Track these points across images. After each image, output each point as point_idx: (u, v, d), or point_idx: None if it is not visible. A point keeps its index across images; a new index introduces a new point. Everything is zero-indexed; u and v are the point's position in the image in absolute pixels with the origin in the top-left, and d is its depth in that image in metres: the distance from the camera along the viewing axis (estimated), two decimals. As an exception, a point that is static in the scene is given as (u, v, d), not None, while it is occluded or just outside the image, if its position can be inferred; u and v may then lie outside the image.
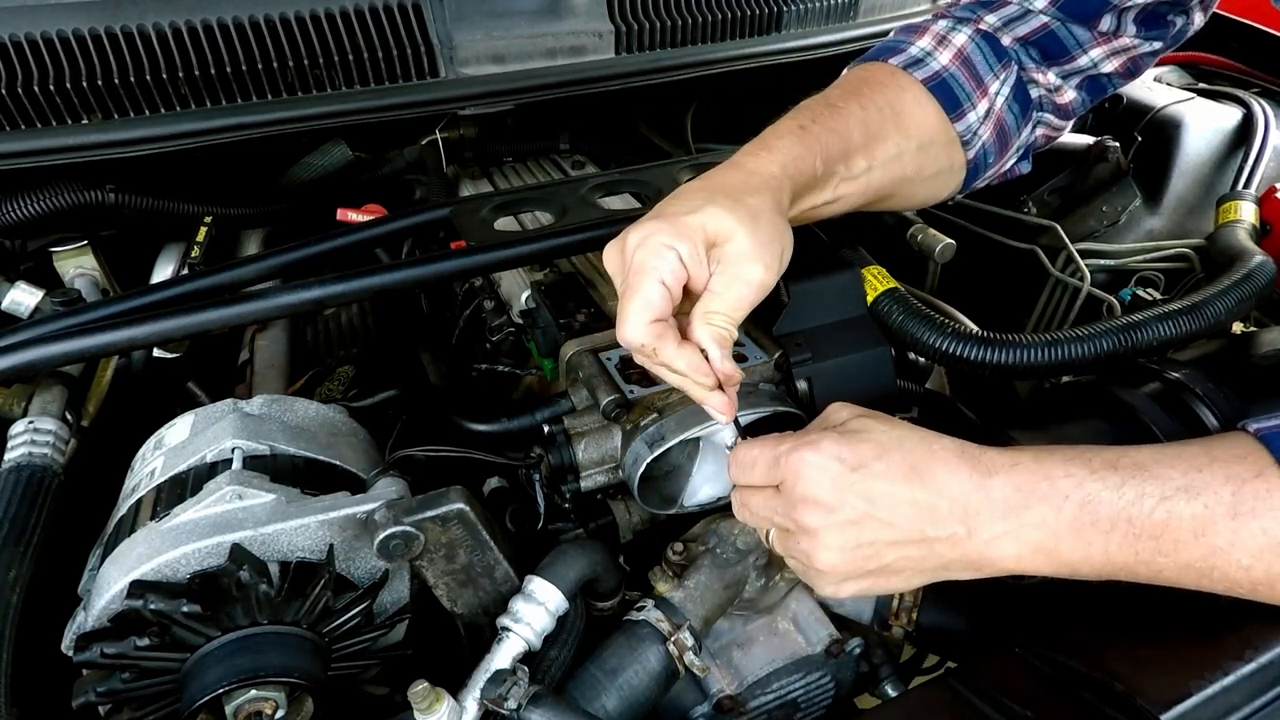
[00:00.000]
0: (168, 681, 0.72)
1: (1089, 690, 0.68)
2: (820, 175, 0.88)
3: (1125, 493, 0.66)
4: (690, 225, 0.75)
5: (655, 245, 0.74)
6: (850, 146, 0.91)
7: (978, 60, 1.02)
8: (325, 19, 1.14)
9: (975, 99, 1.01)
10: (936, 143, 1.00)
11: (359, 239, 1.14)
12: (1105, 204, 1.37)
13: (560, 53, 1.29)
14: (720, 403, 0.76)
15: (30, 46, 1.02)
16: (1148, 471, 0.67)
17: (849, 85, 0.99)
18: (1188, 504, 0.64)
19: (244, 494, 0.76)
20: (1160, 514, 0.65)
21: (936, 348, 0.95)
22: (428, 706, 0.70)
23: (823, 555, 0.72)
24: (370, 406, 1.07)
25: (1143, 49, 1.06)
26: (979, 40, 1.03)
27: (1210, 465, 0.65)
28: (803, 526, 0.73)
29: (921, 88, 0.99)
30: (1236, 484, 0.64)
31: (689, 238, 0.74)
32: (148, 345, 0.98)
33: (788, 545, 0.76)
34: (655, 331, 0.73)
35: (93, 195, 1.16)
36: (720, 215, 0.75)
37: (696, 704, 0.86)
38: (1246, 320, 1.19)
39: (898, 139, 0.95)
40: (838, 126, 0.91)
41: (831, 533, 0.72)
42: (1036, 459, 0.70)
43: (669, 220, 0.75)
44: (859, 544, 0.71)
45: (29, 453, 0.91)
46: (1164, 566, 0.66)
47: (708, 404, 0.76)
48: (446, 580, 0.80)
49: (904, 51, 1.02)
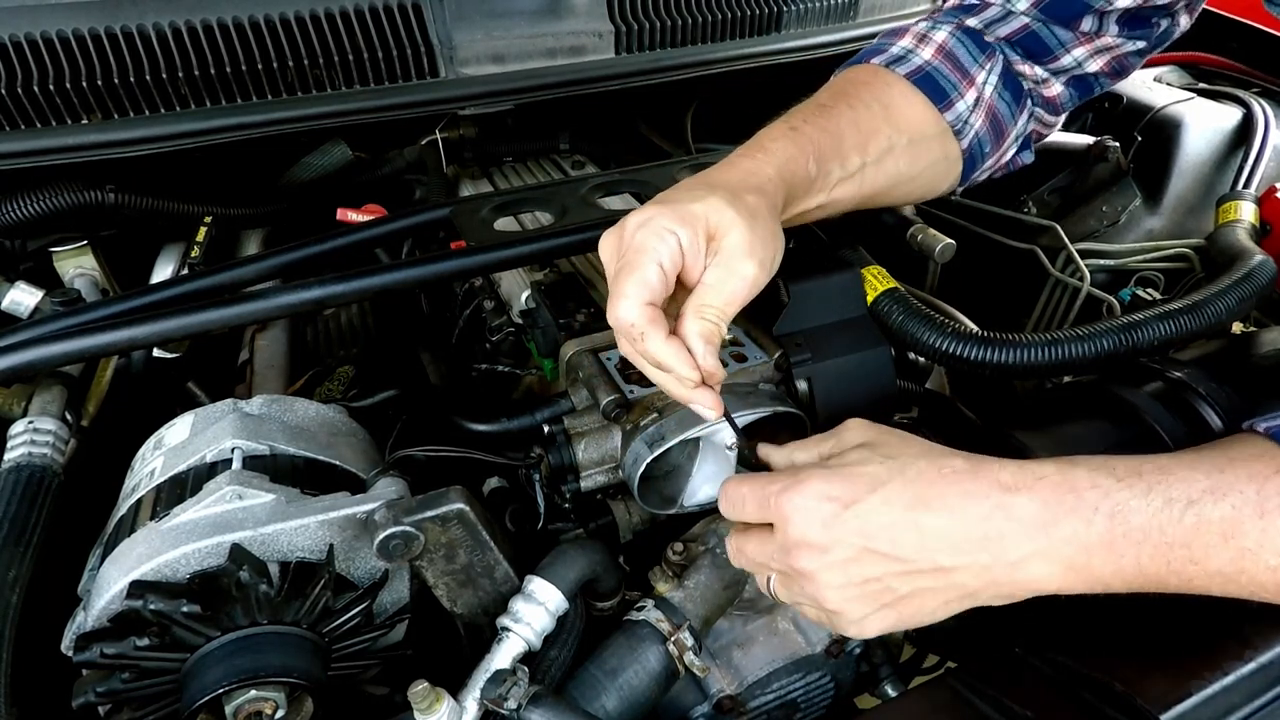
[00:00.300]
0: (168, 681, 0.72)
1: (1089, 690, 0.68)
2: (814, 175, 0.88)
3: (1153, 499, 0.64)
4: (694, 213, 0.74)
5: (657, 228, 0.73)
6: (843, 145, 0.91)
7: (960, 53, 1.02)
8: (325, 19, 1.14)
9: (962, 89, 1.01)
10: (928, 134, 1.00)
11: (359, 239, 1.14)
12: (1105, 204, 1.37)
13: (560, 53, 1.29)
14: (707, 399, 0.74)
15: (30, 46, 1.02)
16: (1173, 475, 0.64)
17: (836, 88, 1.00)
18: (1215, 506, 0.62)
19: (244, 494, 0.76)
20: (1190, 519, 0.63)
21: (936, 348, 0.95)
22: (428, 706, 0.70)
23: (829, 595, 0.70)
24: (370, 406, 1.07)
25: (1127, 48, 1.06)
26: (960, 35, 1.04)
27: (1230, 466, 0.64)
28: (799, 571, 0.70)
29: (906, 82, 1.00)
30: (1260, 481, 0.62)
31: (691, 225, 0.74)
32: (148, 345, 0.98)
33: (792, 592, 0.74)
34: (648, 315, 0.72)
35: (93, 195, 1.16)
36: (722, 207, 0.74)
37: (696, 704, 0.86)
38: (1246, 320, 1.19)
39: (889, 133, 0.96)
40: (829, 126, 0.91)
41: (830, 572, 0.69)
42: (1060, 471, 0.67)
43: (672, 206, 0.75)
44: (864, 579, 0.69)
45: (29, 453, 0.91)
46: (1194, 575, 0.63)
47: (693, 402, 0.75)
48: (446, 580, 0.80)
49: (885, 52, 1.04)
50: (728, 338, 0.99)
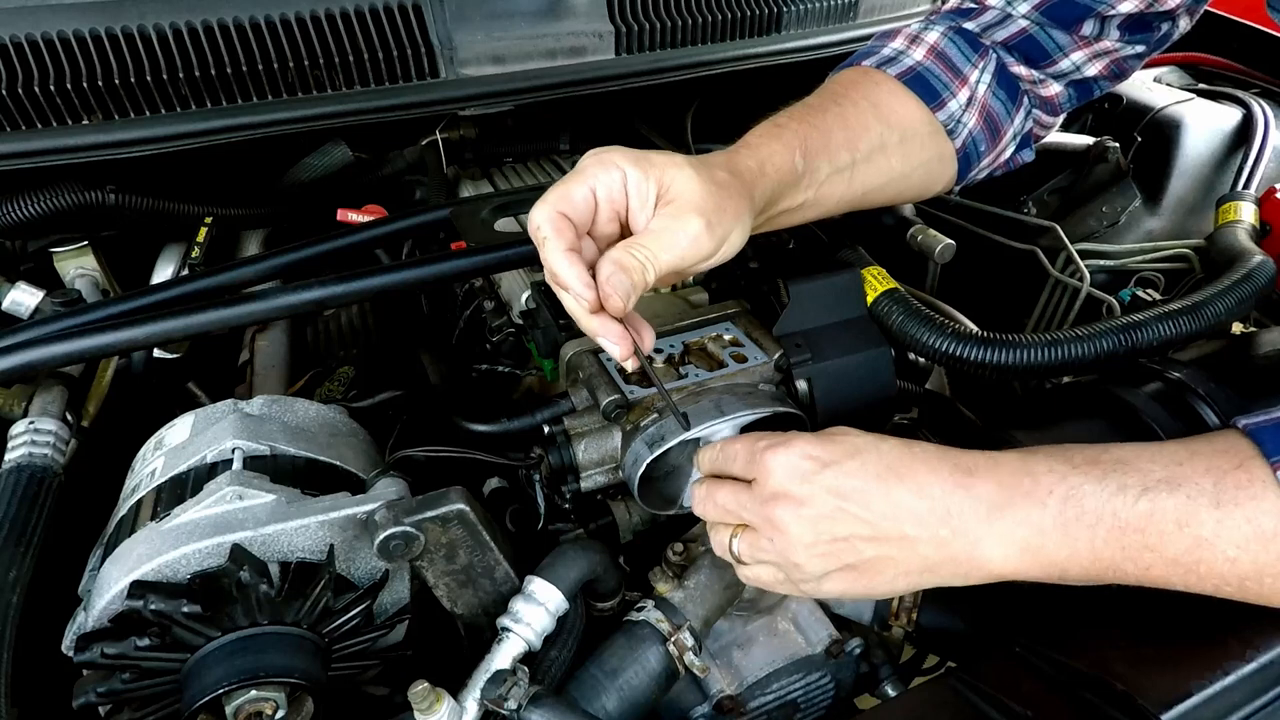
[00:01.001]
0: (168, 682, 0.72)
1: (1089, 690, 0.68)
2: (802, 171, 0.88)
3: (1107, 485, 0.66)
4: (650, 160, 0.75)
5: (607, 160, 0.75)
6: (831, 141, 0.91)
7: (952, 53, 1.02)
8: (325, 20, 1.14)
9: (954, 88, 1.01)
10: (920, 132, 1.00)
11: (359, 240, 1.14)
12: (1105, 204, 1.37)
13: (560, 53, 1.28)
14: (610, 331, 0.74)
15: (30, 47, 1.02)
16: (1129, 465, 0.66)
17: (825, 90, 1.00)
18: (1170, 495, 0.64)
19: (244, 494, 0.76)
20: (1143, 505, 0.64)
21: (936, 348, 0.95)
22: (428, 707, 0.70)
23: (796, 549, 0.72)
24: (370, 407, 1.07)
25: (1126, 52, 1.06)
26: (953, 35, 1.04)
27: (1191, 459, 0.65)
28: (773, 521, 0.73)
29: (897, 82, 1.00)
30: (1217, 475, 0.64)
31: (643, 168, 0.74)
32: (148, 346, 0.98)
33: (756, 549, 0.75)
34: (555, 222, 0.72)
35: (93, 196, 1.16)
36: (682, 164, 0.75)
37: (696, 704, 0.86)
38: (1246, 320, 1.19)
39: (880, 129, 0.96)
40: (816, 122, 0.91)
41: (802, 525, 0.71)
42: (1020, 457, 0.70)
43: (634, 150, 0.76)
44: (833, 538, 0.71)
45: (29, 453, 0.91)
46: (1151, 562, 0.65)
47: (598, 335, 0.75)
48: (446, 580, 0.80)
49: (877, 54, 1.04)
50: (727, 338, 0.99)
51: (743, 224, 0.79)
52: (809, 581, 0.74)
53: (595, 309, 0.73)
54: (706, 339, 0.99)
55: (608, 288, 0.72)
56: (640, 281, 0.73)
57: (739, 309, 1.05)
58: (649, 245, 0.74)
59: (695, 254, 0.75)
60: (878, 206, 1.05)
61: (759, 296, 1.08)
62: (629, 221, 0.77)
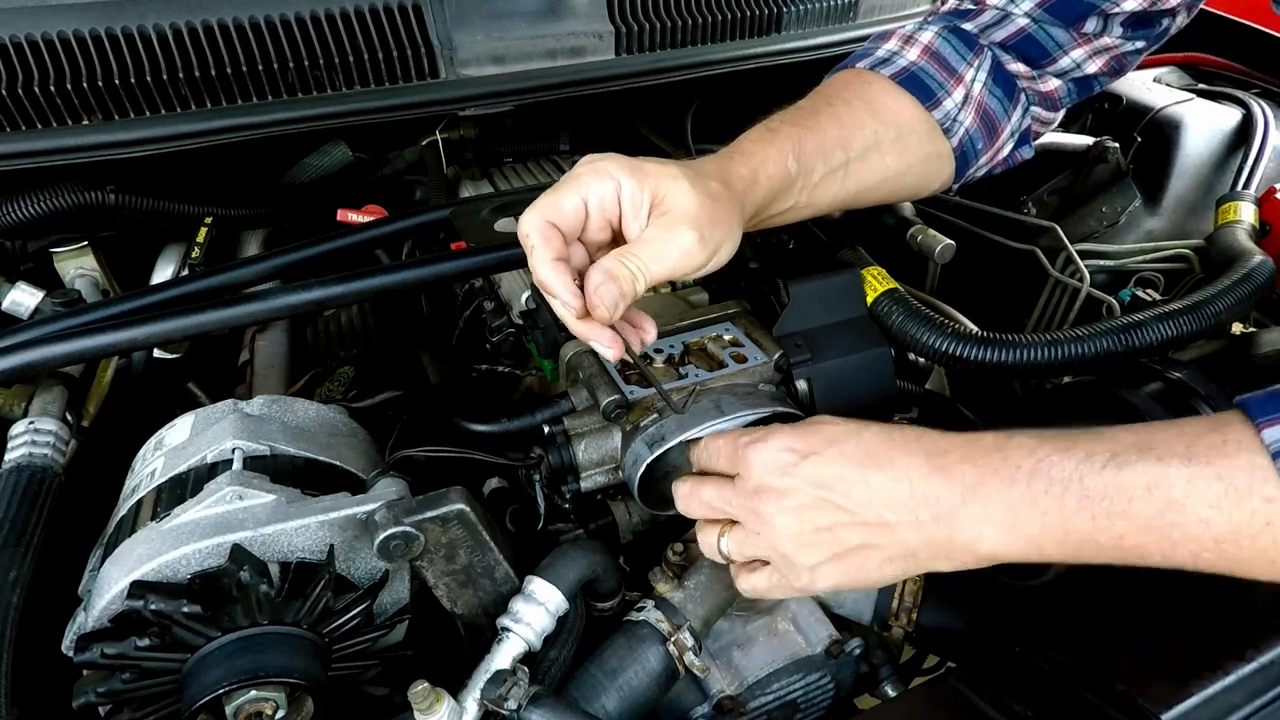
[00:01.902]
0: (168, 682, 0.72)
1: (1089, 690, 0.68)
2: (795, 174, 0.88)
3: (1074, 453, 0.65)
4: (645, 170, 0.75)
5: (601, 169, 0.75)
6: (825, 141, 0.92)
7: (947, 52, 1.02)
8: (325, 20, 1.14)
9: (949, 87, 1.01)
10: (915, 130, 1.00)
11: (359, 240, 1.14)
12: (1105, 205, 1.37)
13: (560, 53, 1.28)
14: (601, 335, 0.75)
15: (30, 47, 1.02)
16: (1103, 435, 0.66)
17: (819, 92, 1.00)
18: (1140, 458, 0.63)
19: (244, 494, 0.76)
20: (1110, 471, 0.63)
21: (936, 348, 0.95)
22: (428, 707, 0.71)
23: (784, 540, 0.73)
24: (370, 407, 1.07)
25: (1126, 48, 1.06)
26: (947, 35, 1.04)
27: (1166, 427, 0.65)
28: (758, 514, 0.74)
29: (891, 82, 1.00)
30: (1191, 439, 0.62)
31: (638, 178, 0.75)
32: (148, 346, 0.98)
33: (745, 544, 0.76)
34: (543, 231, 0.73)
35: (93, 196, 1.16)
36: (677, 176, 0.76)
37: (696, 704, 0.86)
38: (1246, 320, 1.19)
39: (874, 127, 0.96)
40: (809, 124, 0.92)
41: (786, 517, 0.72)
42: (995, 437, 0.70)
43: (629, 159, 0.76)
44: (816, 528, 0.72)
45: (29, 453, 0.91)
46: (1124, 531, 0.63)
47: (589, 339, 0.75)
48: (446, 580, 0.80)
49: (871, 56, 1.04)
50: (727, 338, 0.99)
51: (734, 236, 0.80)
52: (804, 574, 0.74)
53: (582, 315, 0.74)
54: (706, 339, 0.99)
55: (595, 298, 0.73)
56: (630, 291, 0.74)
57: (739, 309, 1.05)
58: (641, 255, 0.74)
59: (686, 265, 0.76)
60: (874, 205, 1.05)
61: (759, 296, 1.08)
62: (622, 229, 0.77)
